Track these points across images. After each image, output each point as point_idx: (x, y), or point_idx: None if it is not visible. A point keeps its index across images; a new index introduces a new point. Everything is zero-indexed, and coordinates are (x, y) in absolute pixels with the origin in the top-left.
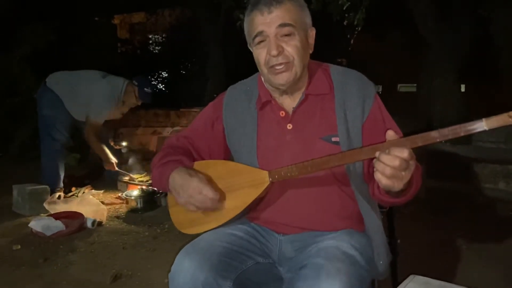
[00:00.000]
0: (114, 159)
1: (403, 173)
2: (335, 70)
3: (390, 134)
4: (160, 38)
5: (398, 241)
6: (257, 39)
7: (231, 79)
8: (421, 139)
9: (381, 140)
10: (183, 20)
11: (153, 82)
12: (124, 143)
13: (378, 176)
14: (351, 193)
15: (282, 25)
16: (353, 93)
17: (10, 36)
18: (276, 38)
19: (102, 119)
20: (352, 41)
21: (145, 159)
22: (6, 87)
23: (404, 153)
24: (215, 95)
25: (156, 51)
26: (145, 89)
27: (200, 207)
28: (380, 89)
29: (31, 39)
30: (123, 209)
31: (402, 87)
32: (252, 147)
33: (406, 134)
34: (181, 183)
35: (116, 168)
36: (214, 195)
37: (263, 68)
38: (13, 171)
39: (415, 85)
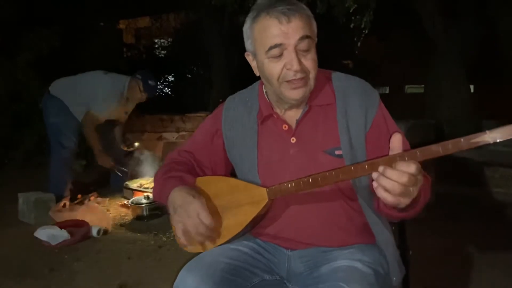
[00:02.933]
0: (107, 156)
1: (411, 189)
2: (337, 77)
3: (396, 139)
4: (165, 42)
5: (410, 252)
6: (273, 52)
7: (236, 84)
8: (421, 154)
9: (386, 151)
10: (188, 24)
11: (159, 86)
12: (136, 144)
13: (382, 193)
14: (358, 206)
15: (303, 37)
16: (355, 102)
17: (14, 41)
18: (296, 51)
19: (104, 113)
20: (359, 44)
21: (151, 165)
22: (10, 93)
23: (412, 167)
24: (220, 100)
25: (162, 55)
26: (149, 81)
27: (193, 231)
28: (388, 90)
29: (35, 45)
30: (128, 216)
31: (410, 89)
32: (253, 162)
33: (413, 137)
34: (180, 202)
35: (112, 163)
36: (210, 222)
37: (274, 82)
38: (18, 179)
39: (423, 86)
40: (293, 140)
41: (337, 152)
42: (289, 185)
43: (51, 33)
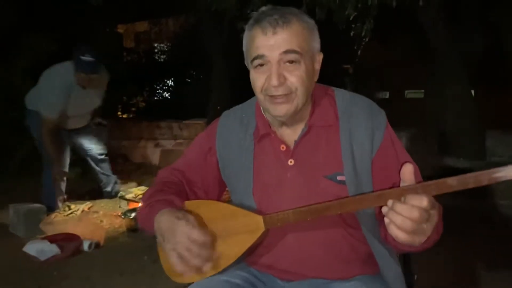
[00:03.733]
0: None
1: (424, 225)
2: (340, 96)
3: (407, 170)
4: (165, 46)
5: (416, 276)
6: (256, 62)
7: (235, 90)
8: (435, 187)
9: (394, 178)
10: (188, 29)
11: (159, 91)
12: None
13: (394, 231)
14: (361, 235)
15: (288, 51)
16: (361, 124)
17: (11, 46)
18: (279, 65)
19: (54, 112)
20: (359, 52)
21: (148, 173)
22: (6, 100)
23: (423, 201)
24: (218, 107)
25: (162, 59)
26: (81, 57)
27: (188, 255)
28: (388, 96)
29: (32, 50)
30: (122, 228)
31: (410, 93)
32: (248, 184)
33: (414, 147)
34: (167, 226)
35: (60, 175)
36: (204, 239)
37: (259, 94)
38: (12, 189)
39: (423, 91)
40: (291, 162)
41: (339, 178)
42: (288, 215)
43: (48, 38)
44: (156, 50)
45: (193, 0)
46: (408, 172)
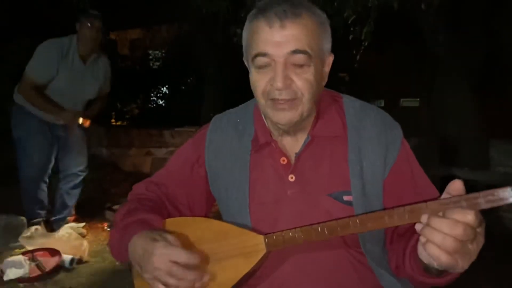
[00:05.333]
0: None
1: (469, 246)
2: (350, 104)
3: (455, 188)
4: (159, 53)
5: None
6: (259, 61)
7: (228, 97)
8: (484, 200)
9: (409, 202)
10: (181, 36)
11: (153, 98)
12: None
13: (434, 250)
14: (369, 267)
15: (296, 51)
16: (372, 138)
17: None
18: (285, 66)
19: (41, 74)
20: (358, 57)
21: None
22: None
23: (469, 216)
24: (211, 115)
25: (156, 66)
26: (90, 11)
27: (171, 283)
28: (383, 104)
29: (20, 56)
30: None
31: (405, 102)
32: (243, 200)
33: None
34: (142, 252)
35: (76, 116)
36: (186, 258)
37: (260, 98)
38: None
39: (418, 99)
40: (291, 178)
41: (345, 198)
42: (296, 234)
43: (36, 44)
44: (150, 57)
45: (184, 5)
46: (455, 190)
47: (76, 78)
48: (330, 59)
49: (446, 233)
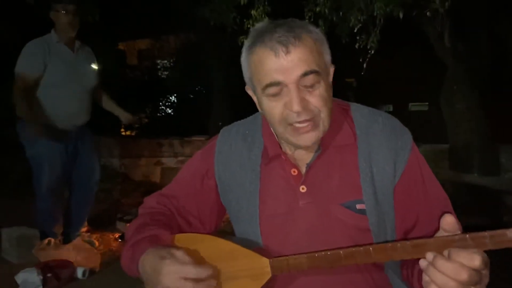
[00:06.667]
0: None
1: None
2: (357, 112)
3: (448, 222)
4: (167, 63)
5: None
6: (271, 91)
7: (236, 106)
8: (491, 241)
9: (419, 210)
10: (189, 46)
11: (161, 107)
12: None
13: None
14: (385, 278)
15: (306, 73)
16: (382, 144)
17: (10, 63)
18: (298, 88)
19: (28, 68)
20: (364, 65)
21: (149, 192)
22: (3, 117)
23: (476, 260)
24: (220, 123)
25: (164, 76)
26: None
27: None
28: (391, 108)
29: None
30: (120, 252)
31: (414, 106)
32: (253, 213)
33: (433, 160)
34: (151, 271)
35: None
36: (197, 272)
37: (277, 126)
38: (8, 210)
39: (427, 103)
40: (302, 189)
41: (358, 207)
42: (301, 261)
43: None
44: (158, 67)
45: (192, 16)
46: (446, 223)
47: (70, 67)
48: (332, 69)
49: (451, 277)
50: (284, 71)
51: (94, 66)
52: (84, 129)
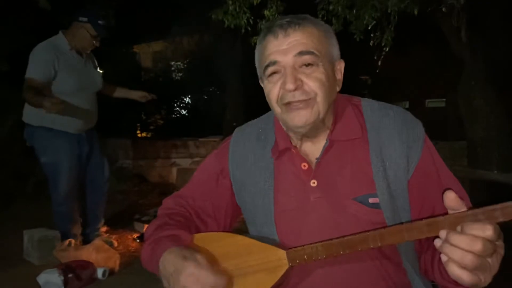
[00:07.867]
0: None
1: (489, 260)
2: (368, 106)
3: (450, 199)
4: (181, 65)
5: None
6: (269, 70)
7: (250, 107)
8: (501, 213)
9: (435, 203)
10: (203, 47)
11: (176, 109)
12: None
13: (455, 270)
14: (401, 270)
15: (302, 53)
16: (393, 137)
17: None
18: (294, 69)
19: (39, 74)
20: (379, 63)
21: (165, 193)
22: (22, 122)
23: (488, 230)
24: (234, 124)
25: (178, 77)
26: (99, 22)
27: None
28: (408, 105)
29: None
30: (138, 252)
31: (431, 103)
32: (268, 210)
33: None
34: (172, 269)
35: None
36: (215, 280)
37: (275, 107)
38: (28, 213)
39: (444, 99)
40: (313, 183)
41: (371, 201)
42: (317, 249)
43: None
44: (172, 69)
45: (206, 18)
46: (449, 200)
47: (81, 75)
48: (341, 65)
49: (465, 249)
50: (281, 52)
51: (99, 69)
52: (92, 130)
